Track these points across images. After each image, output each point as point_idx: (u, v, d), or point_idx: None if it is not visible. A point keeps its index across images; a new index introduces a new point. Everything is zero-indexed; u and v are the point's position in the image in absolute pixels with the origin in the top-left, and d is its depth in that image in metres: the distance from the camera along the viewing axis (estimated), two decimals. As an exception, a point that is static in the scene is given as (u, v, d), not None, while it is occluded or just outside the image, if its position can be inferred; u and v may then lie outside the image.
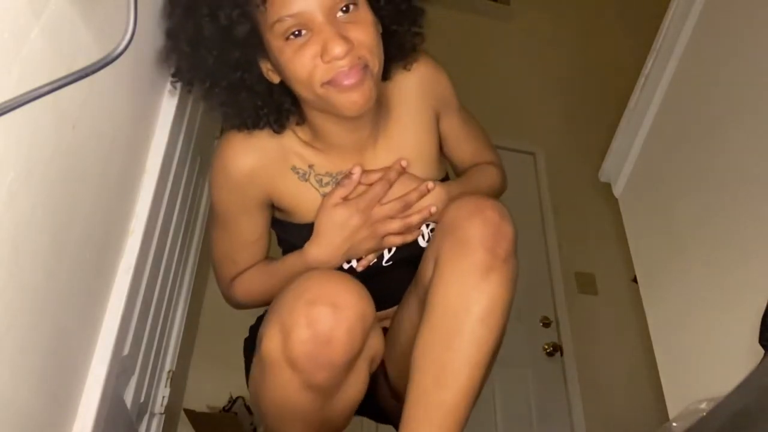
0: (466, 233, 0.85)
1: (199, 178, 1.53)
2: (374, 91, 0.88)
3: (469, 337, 0.82)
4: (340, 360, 0.80)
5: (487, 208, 0.86)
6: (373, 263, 1.00)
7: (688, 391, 1.27)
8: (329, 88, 0.85)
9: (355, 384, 0.89)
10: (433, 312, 0.85)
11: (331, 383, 0.83)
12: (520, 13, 3.40)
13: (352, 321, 0.80)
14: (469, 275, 0.83)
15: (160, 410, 1.45)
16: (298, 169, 1.00)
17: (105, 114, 0.77)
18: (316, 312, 0.79)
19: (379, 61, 0.89)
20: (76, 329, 0.77)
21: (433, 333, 0.84)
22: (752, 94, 1.24)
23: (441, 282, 0.86)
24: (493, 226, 0.85)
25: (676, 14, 1.46)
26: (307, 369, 0.80)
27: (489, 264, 0.83)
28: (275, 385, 0.84)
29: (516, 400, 2.46)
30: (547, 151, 3.08)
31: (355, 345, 0.81)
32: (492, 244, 0.84)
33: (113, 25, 0.71)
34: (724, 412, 0.66)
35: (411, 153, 1.02)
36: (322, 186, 0.99)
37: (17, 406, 0.62)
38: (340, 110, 0.88)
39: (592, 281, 2.80)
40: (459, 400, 0.81)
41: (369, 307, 0.83)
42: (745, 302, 1.13)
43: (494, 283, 0.83)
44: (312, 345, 0.78)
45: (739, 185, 1.23)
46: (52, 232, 0.65)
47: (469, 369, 0.82)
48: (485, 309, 0.83)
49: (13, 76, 0.51)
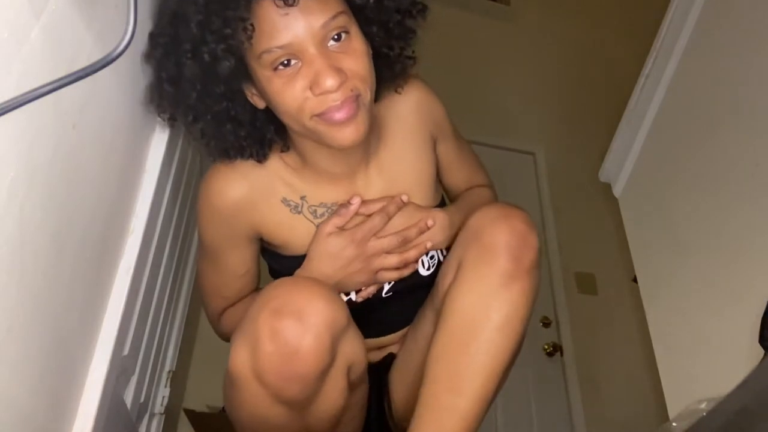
0: (492, 240, 0.83)
1: (199, 178, 1.53)
2: (367, 122, 0.83)
3: (486, 345, 0.81)
4: (309, 372, 0.75)
5: (514, 216, 0.85)
6: (372, 295, 0.97)
7: (688, 391, 1.27)
8: (319, 121, 0.81)
9: (332, 394, 0.84)
10: (451, 316, 0.84)
11: (303, 396, 0.78)
12: (520, 13, 3.40)
13: (320, 329, 0.74)
14: (492, 282, 0.82)
15: (160, 410, 1.45)
16: (289, 201, 0.95)
17: (105, 114, 0.77)
18: (280, 323, 0.74)
19: (371, 90, 0.84)
20: (76, 329, 0.77)
21: (450, 338, 0.83)
22: (752, 94, 1.24)
23: (462, 286, 0.84)
24: (520, 234, 0.83)
25: (676, 14, 1.46)
26: (275, 384, 0.75)
27: (512, 272, 0.82)
28: (246, 401, 0.80)
29: (516, 400, 2.46)
30: (547, 151, 3.08)
31: (324, 355, 0.76)
32: (518, 253, 0.82)
33: (113, 25, 0.71)
34: (724, 412, 0.66)
35: (405, 178, 0.99)
36: (317, 217, 0.95)
37: (17, 407, 0.62)
38: (332, 144, 0.83)
39: (592, 281, 2.80)
40: (471, 407, 0.79)
41: (338, 312, 0.78)
42: (745, 302, 1.13)
43: (516, 292, 0.82)
44: (278, 358, 0.74)
45: (739, 185, 1.23)
46: (52, 232, 0.65)
47: (484, 377, 0.80)
48: (505, 317, 0.81)
49: (13, 76, 0.51)
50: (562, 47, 3.34)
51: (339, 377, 0.83)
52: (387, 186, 0.98)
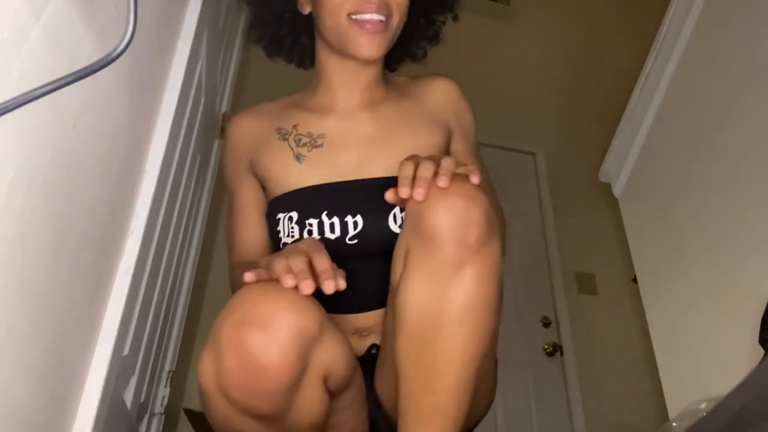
0: (431, 225, 0.74)
1: (199, 178, 1.53)
2: (386, 46, 0.97)
3: (449, 340, 0.74)
4: (276, 387, 0.69)
5: (451, 191, 0.74)
6: (336, 238, 0.94)
7: (688, 391, 1.27)
8: (352, 23, 0.95)
9: (308, 405, 0.77)
10: (408, 317, 0.77)
11: (273, 411, 0.72)
12: (520, 12, 3.40)
13: (286, 341, 0.69)
14: (440, 274, 0.74)
15: (160, 410, 1.45)
16: (281, 128, 1.05)
17: (105, 114, 0.77)
18: (243, 335, 0.68)
19: (399, 20, 0.98)
20: (76, 329, 0.77)
21: (411, 338, 0.76)
22: (752, 94, 1.24)
23: (409, 285, 0.77)
24: (460, 212, 0.73)
25: (676, 14, 1.46)
26: (241, 399, 0.70)
27: (459, 258, 0.72)
28: (217, 413, 0.75)
29: (516, 400, 2.46)
30: (547, 151, 3.08)
31: (292, 367, 0.70)
32: (460, 235, 0.72)
33: (113, 25, 0.71)
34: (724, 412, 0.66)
35: (402, 136, 1.02)
36: (299, 146, 1.02)
37: (17, 406, 0.62)
38: (353, 51, 0.96)
39: (592, 281, 2.80)
40: (450, 403, 0.75)
41: (308, 320, 0.72)
42: (744, 302, 1.13)
43: (469, 278, 0.73)
44: (241, 373, 0.68)
45: (739, 185, 1.23)
46: (52, 232, 0.65)
47: (456, 370, 0.74)
48: (463, 307, 0.74)
49: (13, 76, 0.51)
50: (562, 47, 3.34)
51: (314, 387, 0.78)
52: (379, 134, 1.03)
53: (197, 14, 1.15)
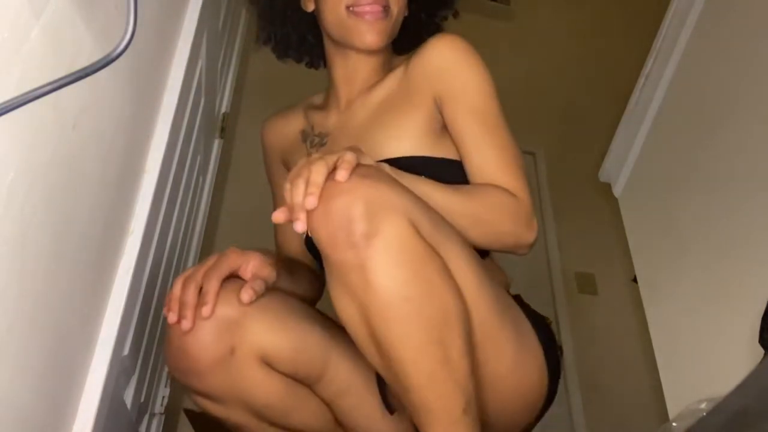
0: (317, 240, 0.69)
1: (199, 178, 1.53)
2: (388, 36, 0.99)
3: (392, 343, 0.69)
4: (201, 367, 0.83)
5: (328, 195, 0.67)
6: None
7: (688, 391, 1.27)
8: (351, 15, 0.96)
9: (253, 386, 0.85)
10: (354, 336, 0.74)
11: (209, 390, 0.85)
12: (520, 13, 3.40)
13: (205, 327, 0.82)
14: (348, 284, 0.68)
15: (160, 410, 1.45)
16: (303, 131, 1.10)
17: (105, 114, 0.77)
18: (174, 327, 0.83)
19: (399, 10, 1.00)
20: (76, 329, 0.77)
21: (368, 351, 0.74)
22: (752, 94, 1.24)
23: (337, 304, 0.73)
24: (334, 216, 0.66)
25: (676, 14, 1.46)
26: (180, 379, 0.86)
27: (353, 261, 0.67)
28: (195, 400, 0.90)
29: (516, 400, 2.45)
30: (547, 151, 3.08)
31: (208, 346, 0.82)
32: (343, 238, 0.66)
33: (113, 25, 0.71)
34: (724, 412, 0.66)
35: (386, 120, 1.00)
36: (310, 147, 1.06)
37: (17, 407, 0.62)
38: (355, 42, 0.98)
39: (592, 281, 2.79)
40: (427, 395, 0.71)
41: (225, 306, 0.83)
42: (744, 302, 1.13)
43: (375, 274, 0.67)
44: (173, 352, 0.84)
45: (739, 185, 1.23)
46: (52, 232, 0.65)
47: (413, 366, 0.70)
48: (382, 307, 0.68)
49: (13, 76, 0.51)
50: (561, 47, 3.33)
51: (250, 368, 0.85)
52: (369, 121, 1.03)
53: (197, 14, 1.15)
